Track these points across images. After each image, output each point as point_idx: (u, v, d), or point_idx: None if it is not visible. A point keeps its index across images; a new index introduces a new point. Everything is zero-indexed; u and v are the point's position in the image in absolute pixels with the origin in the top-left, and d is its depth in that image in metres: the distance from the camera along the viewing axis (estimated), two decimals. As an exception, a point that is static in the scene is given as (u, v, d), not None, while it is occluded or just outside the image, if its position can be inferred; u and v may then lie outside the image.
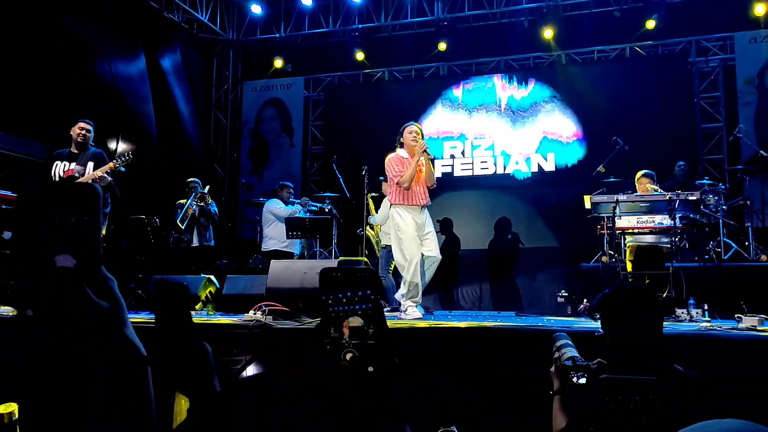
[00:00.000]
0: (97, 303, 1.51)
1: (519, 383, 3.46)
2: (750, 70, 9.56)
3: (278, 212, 8.29)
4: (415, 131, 5.88)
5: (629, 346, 2.12)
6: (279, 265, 5.63)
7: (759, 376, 3.23)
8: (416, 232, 5.62)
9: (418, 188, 5.73)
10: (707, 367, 3.24)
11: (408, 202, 5.68)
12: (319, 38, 11.84)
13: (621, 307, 2.20)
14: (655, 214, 5.80)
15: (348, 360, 1.84)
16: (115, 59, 9.51)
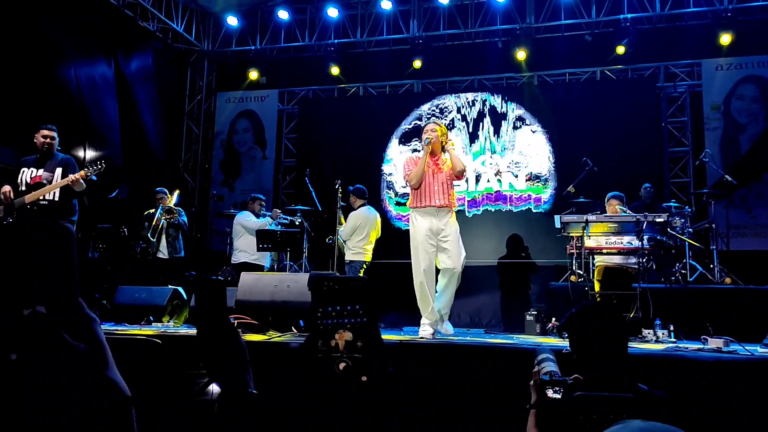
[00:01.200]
0: (74, 346, 1.46)
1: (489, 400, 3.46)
2: (716, 97, 9.82)
3: (248, 224, 8.22)
4: (429, 129, 5.41)
5: (595, 364, 2.14)
6: (249, 278, 5.58)
7: (724, 397, 3.27)
8: (429, 239, 5.16)
9: (436, 188, 5.22)
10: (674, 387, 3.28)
11: (421, 203, 5.25)
12: (295, 52, 11.84)
13: (587, 326, 2.23)
14: (624, 235, 5.90)
15: (341, 369, 1.82)
16: (84, 65, 9.35)
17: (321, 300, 1.85)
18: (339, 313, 1.83)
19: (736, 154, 9.52)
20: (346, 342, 1.83)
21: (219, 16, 11.73)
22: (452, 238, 5.17)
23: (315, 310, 1.84)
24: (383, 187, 10.85)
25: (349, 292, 1.85)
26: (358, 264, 7.58)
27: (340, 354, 1.82)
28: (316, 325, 1.85)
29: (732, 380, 3.37)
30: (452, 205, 5.30)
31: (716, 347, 4.17)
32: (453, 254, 5.13)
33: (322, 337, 1.83)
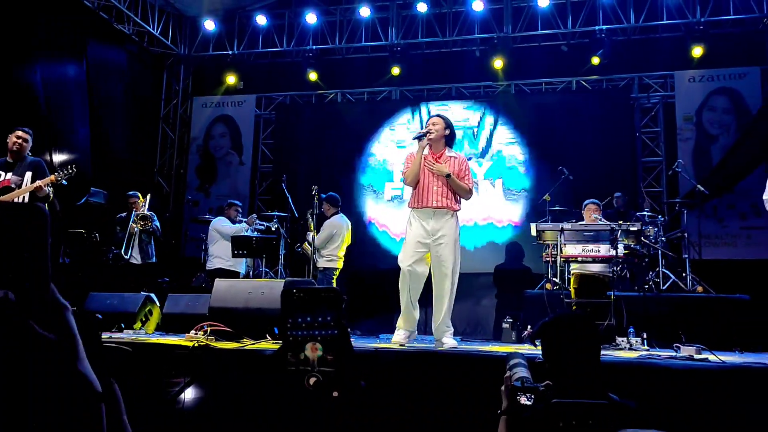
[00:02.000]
0: (42, 335, 1.37)
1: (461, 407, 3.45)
2: (688, 108, 9.98)
3: (224, 230, 8.13)
4: (431, 122, 5.04)
5: (567, 373, 2.14)
6: (223, 285, 5.51)
7: (696, 404, 3.30)
8: (420, 242, 4.81)
9: (435, 188, 4.85)
10: (647, 395, 3.30)
11: (418, 203, 4.91)
12: (273, 57, 11.80)
13: (560, 335, 2.22)
14: (599, 243, 5.94)
15: (312, 384, 1.77)
16: (52, 67, 9.19)
17: (291, 310, 1.81)
18: (309, 324, 1.79)
19: (707, 164, 9.68)
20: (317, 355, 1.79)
21: (196, 20, 11.64)
22: (447, 241, 4.78)
23: (284, 321, 1.80)
24: (361, 193, 10.82)
25: (321, 302, 1.81)
26: (331, 272, 7.56)
27: (311, 368, 1.78)
28: (286, 336, 1.81)
29: (703, 388, 3.40)
30: (453, 207, 4.89)
31: (688, 355, 4.21)
32: (446, 259, 4.76)
33: (291, 349, 1.79)
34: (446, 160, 4.94)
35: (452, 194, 4.87)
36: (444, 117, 5.09)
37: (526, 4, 10.55)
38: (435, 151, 5.00)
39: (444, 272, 4.77)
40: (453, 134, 5.08)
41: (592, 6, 10.30)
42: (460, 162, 4.99)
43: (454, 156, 5.02)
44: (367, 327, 8.27)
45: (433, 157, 4.97)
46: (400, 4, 11.03)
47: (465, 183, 4.92)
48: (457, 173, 4.88)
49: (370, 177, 10.82)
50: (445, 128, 5.00)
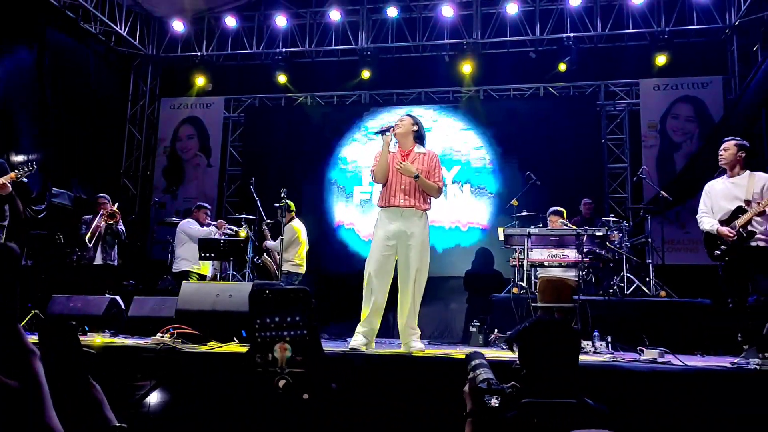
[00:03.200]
0: (5, 384, 1.28)
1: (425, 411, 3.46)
2: (653, 116, 10.19)
3: (192, 233, 8.00)
4: (399, 120, 4.90)
5: (544, 378, 2.13)
6: (190, 287, 5.45)
7: (659, 406, 3.36)
8: (386, 242, 4.65)
9: (403, 186, 4.67)
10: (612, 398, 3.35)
11: (385, 202, 4.74)
12: (242, 59, 11.72)
13: (538, 341, 2.20)
14: (565, 248, 6.01)
15: (281, 387, 1.74)
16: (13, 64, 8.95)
17: (260, 311, 1.78)
18: (278, 325, 1.76)
19: (671, 171, 9.90)
20: (285, 357, 1.76)
21: (164, 21, 11.50)
22: (415, 243, 4.60)
23: (253, 322, 1.77)
24: (330, 196, 10.80)
25: (290, 303, 1.79)
26: (294, 276, 7.57)
27: (280, 370, 1.75)
28: (254, 337, 1.78)
29: (666, 391, 3.46)
30: (422, 207, 4.71)
31: (651, 358, 4.29)
32: (413, 261, 4.58)
33: (260, 350, 1.76)
34: (415, 158, 4.76)
35: (421, 193, 4.70)
36: (412, 115, 4.95)
37: (495, 10, 10.67)
38: (403, 148, 4.83)
39: (411, 274, 4.60)
40: (422, 132, 4.90)
41: (560, 13, 10.47)
42: (430, 159, 4.79)
43: (423, 153, 4.82)
44: (335, 331, 8.24)
45: (402, 154, 4.80)
46: (371, 8, 11.05)
47: (434, 182, 4.73)
48: (426, 171, 4.70)
49: (339, 180, 10.81)
50: (413, 124, 4.84)
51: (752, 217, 4.60)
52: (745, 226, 4.63)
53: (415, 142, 4.85)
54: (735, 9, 9.82)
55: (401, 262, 4.68)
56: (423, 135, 4.91)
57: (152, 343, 4.25)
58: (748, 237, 4.62)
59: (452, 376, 3.40)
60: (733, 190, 4.81)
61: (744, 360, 4.12)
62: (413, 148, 4.83)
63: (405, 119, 4.86)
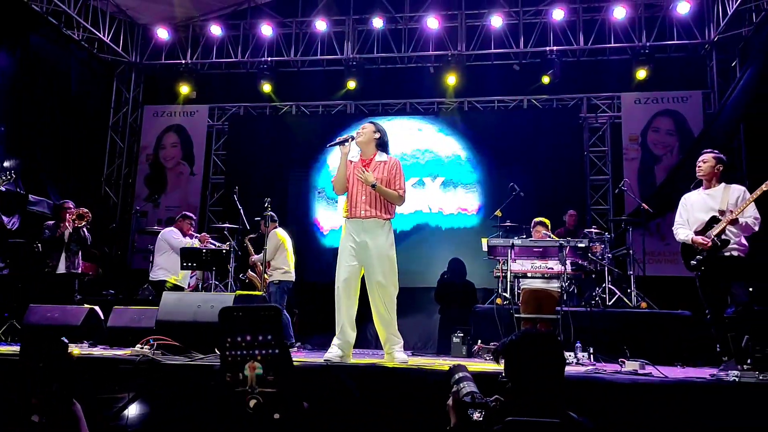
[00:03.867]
0: None
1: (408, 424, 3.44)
2: (634, 129, 10.32)
3: (174, 242, 7.76)
4: (361, 127, 4.80)
5: (530, 391, 2.12)
6: (171, 297, 5.40)
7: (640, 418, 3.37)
8: (351, 253, 4.60)
9: (364, 197, 4.60)
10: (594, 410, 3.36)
11: (349, 213, 4.69)
12: (227, 67, 11.70)
13: (525, 354, 2.19)
14: (548, 259, 6.04)
15: (252, 407, 1.71)
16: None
17: (230, 330, 1.75)
18: (249, 343, 1.74)
19: (652, 183, 10.02)
20: (256, 376, 1.73)
21: (148, 28, 11.45)
22: (378, 253, 4.55)
23: (223, 342, 1.75)
24: (315, 206, 10.79)
25: (260, 321, 1.77)
26: (286, 284, 7.46)
27: (250, 389, 1.72)
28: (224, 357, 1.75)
29: (647, 402, 3.48)
30: (383, 217, 4.63)
31: (633, 370, 4.31)
32: (378, 272, 4.53)
33: (230, 369, 1.74)
34: (375, 166, 4.67)
35: (382, 203, 4.62)
36: (376, 123, 4.83)
37: (479, 23, 10.77)
38: (365, 157, 4.73)
39: (377, 281, 4.54)
40: (385, 140, 4.78)
41: (543, 27, 10.59)
42: (390, 166, 4.68)
43: (384, 161, 4.71)
44: (318, 341, 8.19)
45: (363, 163, 4.70)
46: (356, 18, 11.09)
47: (394, 189, 4.63)
48: (385, 180, 4.61)
49: (325, 189, 10.79)
50: (375, 131, 4.73)
51: (726, 226, 4.66)
52: (719, 235, 4.68)
53: (377, 150, 4.76)
54: (714, 25, 10.00)
55: (366, 273, 4.63)
56: (386, 142, 4.81)
57: (131, 355, 4.20)
58: (722, 246, 4.67)
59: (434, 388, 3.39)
60: (709, 202, 4.87)
61: (723, 372, 4.15)
62: (374, 156, 4.74)
63: (367, 126, 4.75)
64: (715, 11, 9.95)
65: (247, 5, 11.40)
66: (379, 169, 4.68)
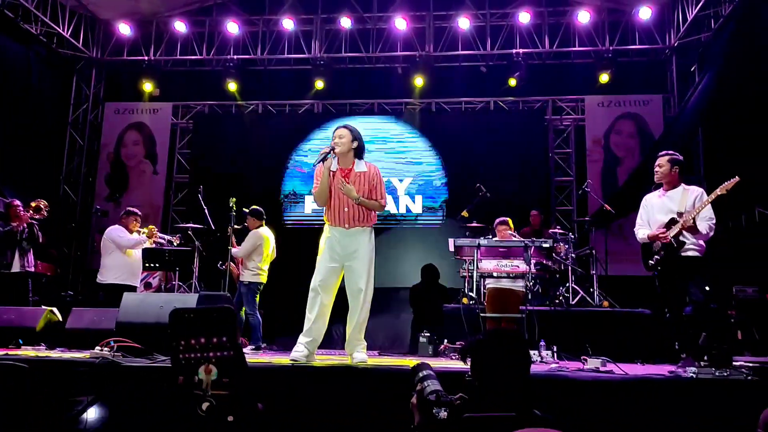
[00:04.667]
0: None
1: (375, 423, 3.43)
2: (597, 131, 10.50)
3: (121, 241, 7.31)
4: (337, 135, 4.67)
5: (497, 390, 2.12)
6: (132, 299, 5.29)
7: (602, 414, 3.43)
8: (332, 256, 4.63)
9: (346, 209, 4.62)
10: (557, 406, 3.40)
11: (331, 221, 4.70)
12: (191, 65, 11.54)
13: (491, 352, 2.20)
14: (513, 259, 6.09)
15: (204, 410, 1.68)
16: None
17: (182, 333, 1.72)
18: (203, 346, 1.70)
19: (614, 185, 10.20)
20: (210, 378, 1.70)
21: (110, 23, 11.22)
22: (361, 258, 4.61)
23: (175, 345, 1.71)
24: (281, 206, 10.70)
25: (214, 323, 1.73)
26: (256, 286, 7.34)
27: (203, 392, 1.69)
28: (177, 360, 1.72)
29: (609, 398, 3.54)
30: (367, 224, 4.70)
31: (594, 367, 4.38)
32: (360, 276, 4.59)
33: (184, 372, 1.70)
34: (355, 178, 4.67)
35: (364, 213, 4.67)
36: (350, 128, 4.73)
37: (447, 24, 10.83)
38: (344, 166, 4.69)
39: (358, 288, 4.60)
40: (362, 146, 4.74)
41: (510, 30, 10.70)
42: (371, 177, 4.70)
43: (363, 171, 4.71)
44: (284, 342, 8.13)
45: (342, 173, 4.68)
46: (324, 17, 11.05)
47: (376, 200, 4.69)
48: (367, 191, 4.65)
49: (292, 189, 10.71)
50: (353, 140, 4.66)
51: (682, 229, 4.76)
52: (676, 237, 4.78)
53: (354, 159, 4.72)
54: (674, 31, 10.24)
55: (348, 278, 4.67)
56: (363, 148, 4.77)
57: (91, 357, 4.11)
58: (679, 247, 4.77)
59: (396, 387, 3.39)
60: (668, 204, 4.97)
61: (681, 369, 4.24)
62: (353, 167, 4.71)
63: (344, 136, 4.66)
64: (675, 17, 10.19)
65: (213, 2, 11.28)
66: (360, 181, 4.68)
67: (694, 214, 4.70)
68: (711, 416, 3.36)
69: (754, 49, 7.76)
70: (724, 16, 8.93)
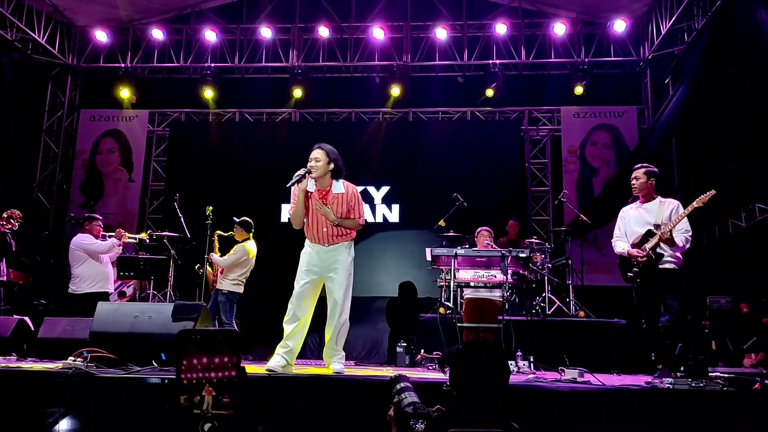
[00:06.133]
0: None
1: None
2: (573, 142, 10.62)
3: (92, 248, 7.09)
4: (313, 157, 4.62)
5: (475, 400, 2.13)
6: (106, 308, 5.20)
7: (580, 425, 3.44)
8: (310, 269, 4.64)
9: (325, 230, 4.62)
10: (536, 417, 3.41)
11: (310, 238, 4.71)
12: (168, 72, 11.45)
13: (470, 363, 2.21)
14: (490, 269, 6.12)
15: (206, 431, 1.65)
16: None
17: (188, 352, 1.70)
18: (206, 366, 1.69)
19: (590, 195, 10.32)
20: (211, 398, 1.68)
21: (86, 30, 11.11)
22: (340, 270, 4.63)
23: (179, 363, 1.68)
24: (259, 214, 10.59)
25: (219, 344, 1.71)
26: (235, 295, 7.26)
27: (204, 412, 1.67)
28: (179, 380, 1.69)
29: (586, 409, 3.55)
30: (347, 240, 4.73)
31: (572, 378, 4.40)
32: (338, 289, 4.60)
33: (186, 392, 1.68)
34: (333, 200, 4.63)
35: (343, 230, 4.68)
36: (327, 149, 4.65)
37: (424, 35, 10.89)
38: (321, 188, 4.66)
39: (336, 300, 4.61)
40: (339, 166, 4.68)
41: (487, 41, 10.80)
42: (349, 198, 4.67)
43: (341, 192, 4.67)
44: (259, 353, 8.06)
45: (320, 195, 4.65)
46: (302, 26, 11.05)
47: (354, 219, 4.69)
48: (345, 212, 4.64)
49: (269, 197, 10.59)
50: (329, 162, 4.60)
51: (659, 241, 4.82)
52: (654, 249, 4.85)
53: (332, 180, 4.68)
54: (648, 43, 10.41)
55: (328, 289, 4.67)
56: (340, 169, 4.70)
57: (63, 367, 4.03)
58: (657, 259, 4.84)
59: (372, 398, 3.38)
60: (645, 216, 5.04)
61: (658, 379, 4.28)
62: (331, 188, 4.66)
63: (320, 159, 4.59)
64: (649, 30, 10.36)
65: (191, 10, 11.21)
66: (338, 202, 4.64)
67: (670, 226, 4.76)
68: (687, 427, 3.39)
69: (727, 61, 7.92)
70: (697, 29, 9.11)
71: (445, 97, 11.17)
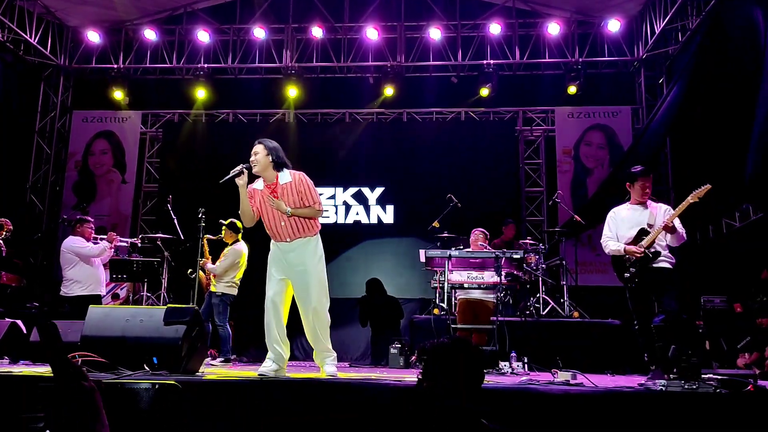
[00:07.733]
0: None
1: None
2: (567, 142, 10.61)
3: (84, 251, 7.07)
4: (253, 152, 4.59)
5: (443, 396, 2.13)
6: (97, 312, 5.16)
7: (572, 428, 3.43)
8: (281, 268, 4.54)
9: (283, 224, 4.48)
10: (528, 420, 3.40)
11: (272, 238, 4.61)
12: (161, 73, 11.41)
13: (442, 358, 2.22)
14: (484, 270, 6.11)
15: None
16: None
17: None
18: None
19: (584, 196, 10.32)
20: None
21: (79, 31, 11.05)
22: (309, 269, 4.51)
23: None
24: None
25: None
26: (229, 297, 7.22)
27: None
28: None
29: (579, 412, 3.54)
30: (308, 234, 4.56)
31: (565, 380, 4.38)
32: (309, 288, 4.48)
33: None
34: (282, 191, 4.51)
35: (302, 223, 4.52)
36: (265, 142, 4.59)
37: (418, 35, 10.87)
38: (268, 182, 4.56)
39: (308, 299, 4.49)
40: (280, 157, 4.56)
41: (481, 41, 10.79)
42: (298, 185, 4.52)
43: (289, 182, 4.54)
44: (254, 354, 8.05)
45: (269, 189, 4.54)
46: (295, 27, 11.02)
47: (309, 207, 4.51)
48: (298, 201, 4.49)
49: (262, 199, 10.57)
50: (267, 155, 4.52)
51: (656, 237, 4.81)
52: (650, 247, 4.84)
53: (276, 171, 4.56)
54: (642, 43, 10.42)
55: (296, 291, 4.56)
56: (282, 161, 4.58)
57: (53, 372, 3.99)
58: (654, 257, 4.83)
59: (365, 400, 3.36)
60: (637, 217, 5.03)
61: (651, 381, 4.27)
62: (278, 180, 4.56)
63: (259, 153, 4.54)
64: (643, 30, 10.37)
65: (183, 10, 11.16)
66: (288, 192, 4.52)
67: (668, 221, 4.75)
68: (680, 429, 3.39)
69: (721, 61, 7.93)
70: (691, 29, 9.13)
71: (439, 98, 11.16)
